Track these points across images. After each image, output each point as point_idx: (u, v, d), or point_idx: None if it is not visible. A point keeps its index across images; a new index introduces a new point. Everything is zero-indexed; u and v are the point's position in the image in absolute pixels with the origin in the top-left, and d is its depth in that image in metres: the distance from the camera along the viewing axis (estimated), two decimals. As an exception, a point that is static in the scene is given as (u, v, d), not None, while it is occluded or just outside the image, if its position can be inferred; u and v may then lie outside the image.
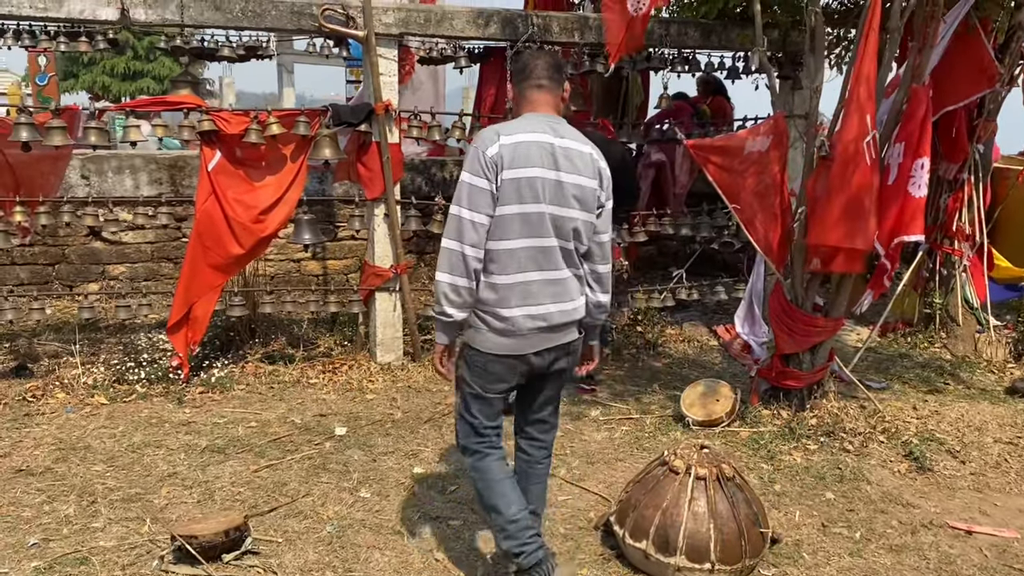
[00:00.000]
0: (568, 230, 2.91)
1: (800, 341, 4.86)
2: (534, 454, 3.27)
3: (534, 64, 3.02)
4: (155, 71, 30.25)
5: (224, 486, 4.03)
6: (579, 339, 3.09)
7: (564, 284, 2.96)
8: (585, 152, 2.96)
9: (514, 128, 2.92)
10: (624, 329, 6.74)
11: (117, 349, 5.87)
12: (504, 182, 2.83)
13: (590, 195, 2.94)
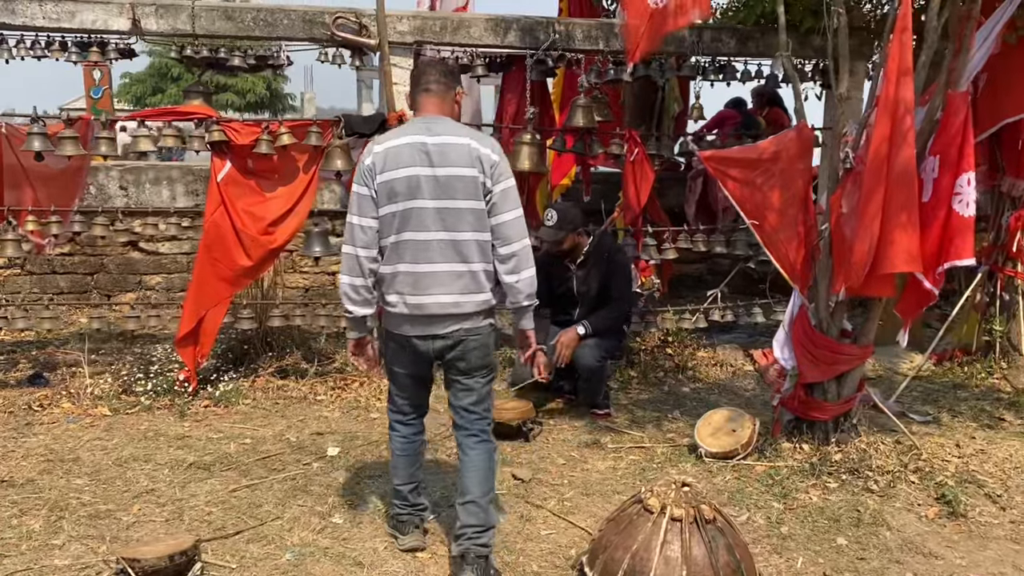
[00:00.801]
0: (457, 221, 3.14)
1: (824, 369, 4.48)
2: (462, 442, 3.43)
3: (422, 71, 3.34)
4: (237, 86, 31.16)
5: (197, 505, 3.90)
6: (473, 332, 3.26)
7: (440, 276, 3.17)
8: (461, 144, 3.15)
9: (389, 135, 3.28)
10: (653, 351, 6.41)
11: (132, 360, 5.86)
12: (379, 185, 3.16)
13: (471, 184, 3.14)
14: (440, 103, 3.27)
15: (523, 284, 3.21)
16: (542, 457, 4.62)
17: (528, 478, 4.27)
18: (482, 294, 3.23)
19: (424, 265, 3.16)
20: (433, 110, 3.26)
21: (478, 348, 3.29)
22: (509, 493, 4.10)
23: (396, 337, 3.31)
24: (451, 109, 3.31)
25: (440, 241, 3.14)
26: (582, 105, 5.61)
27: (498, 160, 3.19)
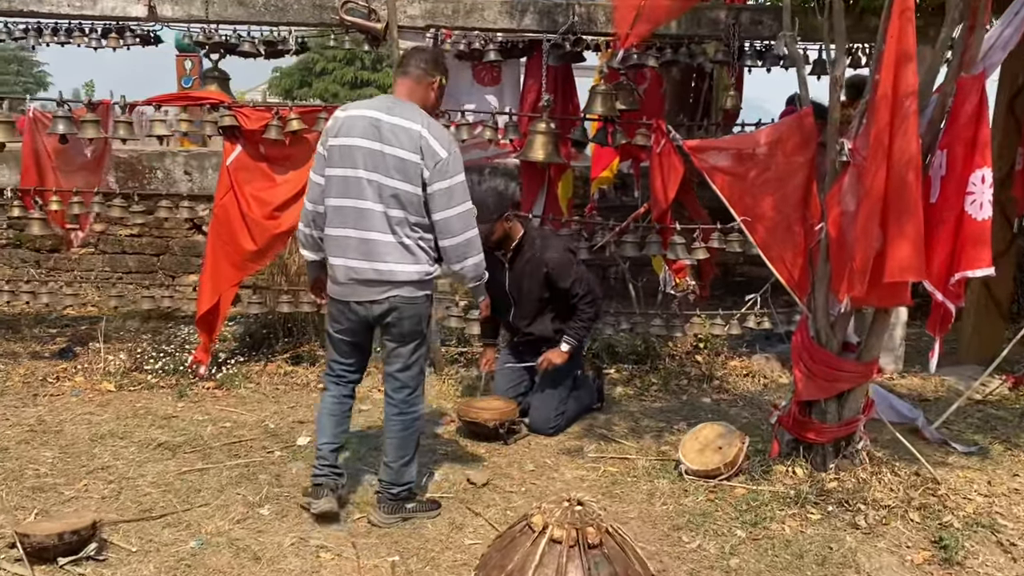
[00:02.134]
0: (390, 196, 3.32)
1: (822, 386, 4.00)
2: (386, 408, 3.66)
3: (407, 55, 3.61)
4: (380, 80, 32.11)
5: (141, 485, 3.91)
6: (408, 300, 3.43)
7: (378, 245, 3.35)
8: (413, 130, 3.33)
9: (355, 105, 3.52)
10: (681, 358, 5.99)
11: (162, 339, 6.02)
12: (331, 148, 3.41)
13: (411, 168, 3.32)
14: (412, 88, 3.47)
15: (467, 270, 3.51)
16: (512, 461, 4.37)
17: (482, 483, 4.04)
18: (418, 265, 3.43)
19: (364, 232, 3.36)
20: (402, 92, 3.48)
21: (412, 317, 3.48)
22: (455, 497, 3.89)
23: (335, 301, 3.54)
24: (424, 95, 3.49)
25: (378, 212, 3.34)
26: (602, 92, 5.29)
27: (446, 157, 3.35)
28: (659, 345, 6.11)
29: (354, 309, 3.47)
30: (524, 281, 4.78)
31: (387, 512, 3.60)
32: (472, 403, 4.74)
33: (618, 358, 5.95)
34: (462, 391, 5.42)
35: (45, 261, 8.07)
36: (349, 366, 3.69)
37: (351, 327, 3.55)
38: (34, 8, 5.16)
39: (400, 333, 3.48)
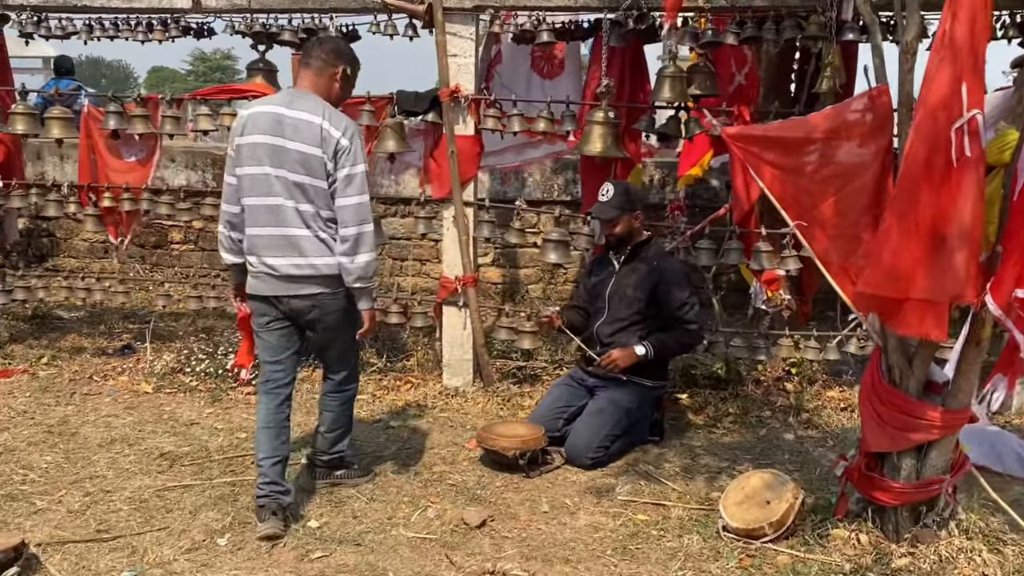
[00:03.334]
0: (298, 191, 3.27)
1: (893, 435, 3.17)
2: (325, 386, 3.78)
3: (311, 45, 3.53)
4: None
5: (115, 500, 3.65)
6: (328, 295, 3.38)
7: (293, 240, 3.30)
8: (314, 123, 3.27)
9: (260, 101, 3.51)
10: (767, 384, 5.17)
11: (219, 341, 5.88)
12: (238, 147, 3.34)
13: (315, 162, 3.26)
14: (315, 79, 3.40)
15: (356, 267, 3.33)
16: (526, 499, 3.80)
17: (477, 524, 3.50)
18: (335, 258, 3.34)
19: (279, 228, 3.30)
20: (305, 84, 3.41)
21: (336, 312, 3.44)
22: (438, 540, 3.37)
23: (256, 298, 3.44)
24: (327, 86, 3.41)
25: (290, 208, 3.28)
26: (670, 75, 4.59)
27: (347, 145, 3.29)
28: (745, 369, 5.31)
29: (275, 305, 3.40)
30: (628, 287, 4.34)
31: (316, 477, 3.79)
32: (494, 428, 4.20)
33: (693, 382, 5.21)
34: (508, 411, 4.88)
35: (149, 257, 8.25)
36: (279, 368, 3.52)
37: (274, 321, 3.45)
38: (86, 2, 5.10)
39: (326, 329, 3.48)
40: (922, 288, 2.59)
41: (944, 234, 2.54)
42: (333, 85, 3.41)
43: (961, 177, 2.52)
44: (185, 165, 8.01)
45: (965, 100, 2.47)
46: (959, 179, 2.51)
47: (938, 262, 2.56)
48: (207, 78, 43.46)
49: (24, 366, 5.47)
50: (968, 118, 2.47)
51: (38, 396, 4.97)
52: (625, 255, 4.37)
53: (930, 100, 2.51)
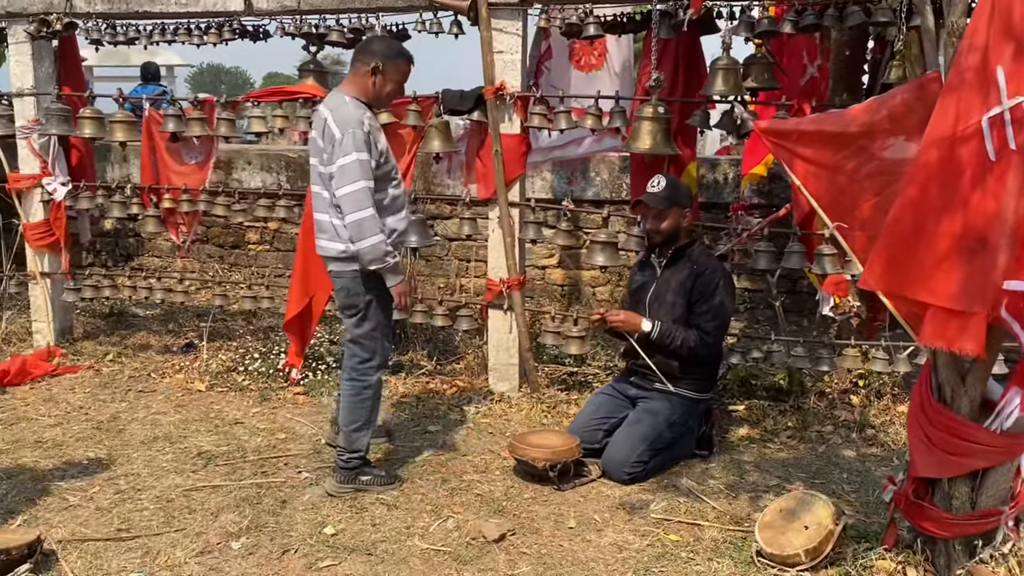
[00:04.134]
0: (323, 180, 3.60)
1: (944, 460, 2.86)
2: (342, 374, 3.88)
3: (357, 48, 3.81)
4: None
5: (143, 500, 3.69)
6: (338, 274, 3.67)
7: (321, 223, 3.67)
8: (322, 113, 3.60)
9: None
10: (832, 397, 4.82)
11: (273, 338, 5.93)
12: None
13: (325, 154, 3.55)
14: (352, 78, 3.65)
15: (364, 252, 3.51)
16: (552, 513, 3.63)
17: (495, 537, 3.36)
18: (338, 243, 3.59)
19: (316, 213, 3.70)
20: (344, 84, 3.68)
21: (341, 289, 3.70)
22: (451, 553, 3.25)
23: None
24: (362, 83, 3.62)
25: (320, 195, 3.64)
26: (723, 67, 4.34)
27: (340, 137, 3.48)
28: (810, 380, 4.98)
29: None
30: (668, 292, 4.11)
31: (340, 481, 3.76)
32: (526, 437, 4.05)
33: (752, 392, 4.92)
34: (552, 419, 4.72)
35: (227, 256, 8.46)
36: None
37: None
38: (147, 8, 5.22)
39: (339, 304, 3.78)
40: (951, 295, 2.31)
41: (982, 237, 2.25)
42: (367, 82, 3.59)
43: (1005, 171, 2.22)
44: (260, 168, 8.17)
45: (1004, 87, 2.18)
46: (1001, 173, 2.21)
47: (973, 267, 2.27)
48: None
49: (90, 362, 5.65)
50: (1011, 105, 2.17)
51: (96, 392, 5.11)
52: (667, 257, 4.13)
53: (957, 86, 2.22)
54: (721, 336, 4.14)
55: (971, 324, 2.37)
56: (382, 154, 3.62)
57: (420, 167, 7.44)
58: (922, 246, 2.36)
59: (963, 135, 2.25)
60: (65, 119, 5.44)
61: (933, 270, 2.36)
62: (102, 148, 7.97)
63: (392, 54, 3.64)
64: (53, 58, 5.69)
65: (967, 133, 2.25)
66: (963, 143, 2.25)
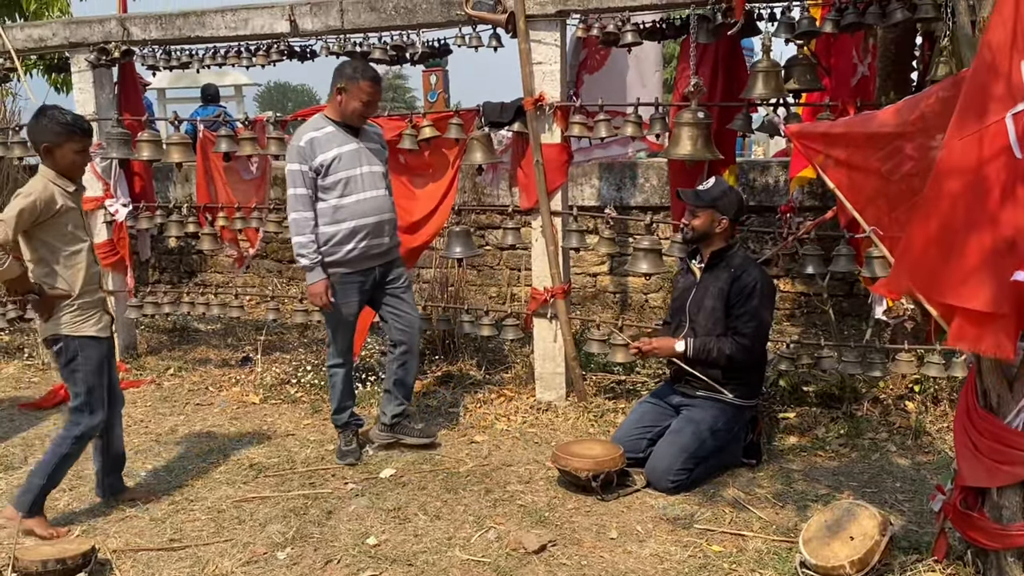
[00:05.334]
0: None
1: (991, 469, 2.75)
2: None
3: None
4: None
5: (195, 510, 3.80)
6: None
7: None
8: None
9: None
10: (886, 404, 4.69)
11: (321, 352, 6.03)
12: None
13: None
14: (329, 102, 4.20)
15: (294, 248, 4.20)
16: (595, 523, 3.62)
17: (535, 548, 3.36)
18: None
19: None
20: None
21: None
22: (491, 564, 3.26)
23: None
24: (333, 103, 4.12)
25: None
26: (763, 70, 4.28)
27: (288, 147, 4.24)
28: (864, 387, 4.85)
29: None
30: (708, 297, 4.04)
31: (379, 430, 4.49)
32: (569, 447, 4.04)
33: (803, 399, 4.82)
34: (599, 428, 4.70)
35: (285, 271, 8.65)
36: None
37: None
38: (199, 33, 5.40)
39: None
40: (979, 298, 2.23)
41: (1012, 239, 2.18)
42: (336, 102, 4.07)
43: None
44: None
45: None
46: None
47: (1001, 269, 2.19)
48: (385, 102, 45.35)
49: (152, 376, 5.84)
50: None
51: (156, 406, 5.29)
52: (705, 262, 4.08)
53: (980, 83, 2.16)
54: (760, 340, 4.06)
55: (998, 325, 2.29)
56: (323, 165, 4.04)
57: (468, 178, 7.53)
58: (949, 249, 2.30)
59: (987, 133, 2.18)
60: (125, 143, 5.65)
61: (961, 273, 2.29)
62: (166, 168, 8.26)
63: (355, 76, 4.02)
64: (113, 85, 5.92)
65: (991, 131, 2.18)
66: (988, 141, 2.19)
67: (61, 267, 3.48)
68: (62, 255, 3.47)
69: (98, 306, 3.62)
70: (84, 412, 3.57)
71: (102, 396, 3.61)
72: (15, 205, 3.33)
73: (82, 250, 3.53)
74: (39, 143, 3.44)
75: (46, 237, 3.44)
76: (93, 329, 3.56)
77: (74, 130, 3.43)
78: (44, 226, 3.42)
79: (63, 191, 3.45)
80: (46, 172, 3.45)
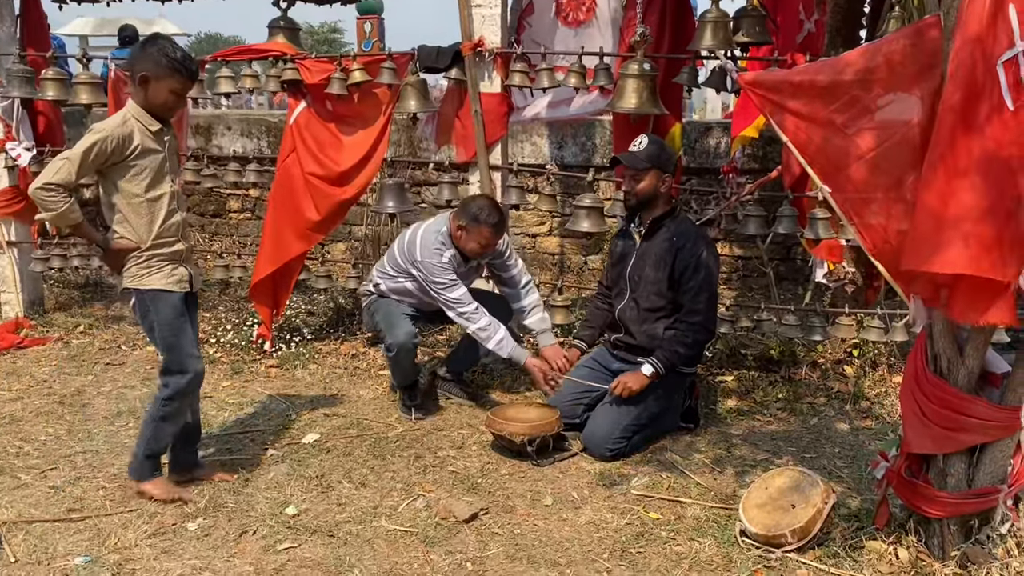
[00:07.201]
0: None
1: (939, 436, 2.67)
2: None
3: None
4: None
5: (100, 478, 3.49)
6: None
7: None
8: None
9: None
10: (825, 368, 4.64)
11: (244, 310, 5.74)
12: None
13: None
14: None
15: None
16: (529, 490, 3.46)
17: (466, 517, 3.18)
18: None
19: None
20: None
21: None
22: (420, 535, 3.07)
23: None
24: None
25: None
26: (712, 20, 4.10)
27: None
28: (802, 351, 4.79)
29: None
30: (649, 266, 3.84)
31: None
32: (504, 411, 3.88)
33: (741, 363, 4.73)
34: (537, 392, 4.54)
35: (208, 226, 8.25)
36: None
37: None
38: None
39: None
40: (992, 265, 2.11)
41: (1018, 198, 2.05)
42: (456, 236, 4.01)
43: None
44: (241, 133, 7.93)
45: (1016, 27, 1.96)
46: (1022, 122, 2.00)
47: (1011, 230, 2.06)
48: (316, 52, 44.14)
49: (60, 334, 5.46)
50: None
51: (63, 365, 4.93)
52: (646, 227, 3.90)
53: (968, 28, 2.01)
54: (713, 310, 3.91)
55: (1005, 293, 2.18)
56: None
57: (403, 132, 7.23)
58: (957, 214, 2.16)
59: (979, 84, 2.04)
60: (27, 81, 5.21)
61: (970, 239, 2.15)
62: (79, 114, 7.74)
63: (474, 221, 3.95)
64: (15, 18, 5.45)
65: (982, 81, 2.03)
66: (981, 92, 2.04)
67: (133, 214, 3.10)
68: (136, 202, 3.10)
69: (173, 259, 3.22)
70: (172, 372, 3.24)
71: (189, 352, 3.26)
72: (84, 142, 2.98)
73: (161, 197, 3.14)
74: (137, 71, 3.05)
75: (118, 180, 3.07)
76: (162, 282, 3.18)
77: (179, 68, 3.05)
78: (118, 168, 3.05)
79: (145, 129, 3.08)
80: (131, 107, 3.09)
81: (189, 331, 3.31)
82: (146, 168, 3.09)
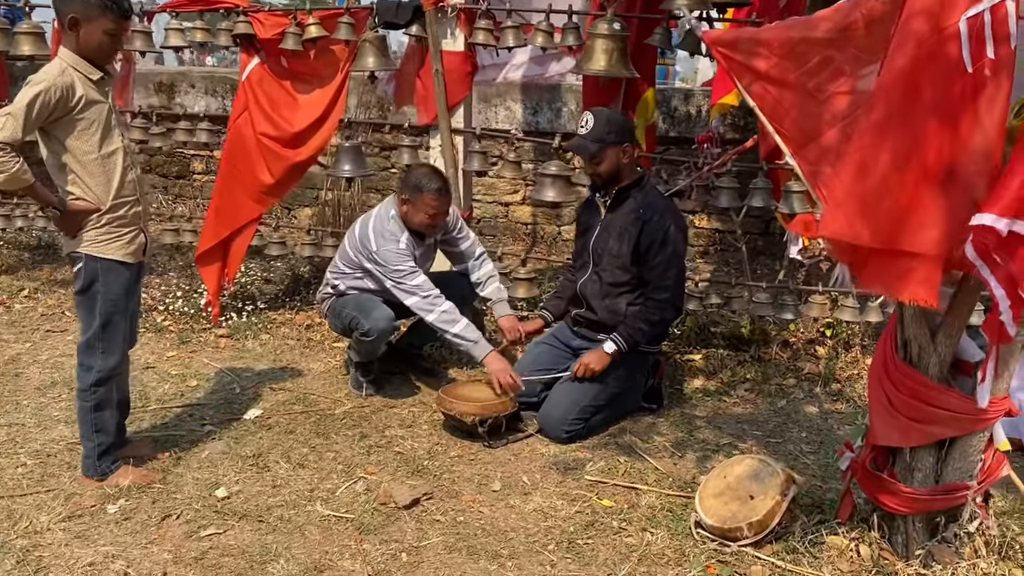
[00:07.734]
0: None
1: (906, 428, 2.50)
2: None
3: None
4: None
5: (20, 453, 3.29)
6: None
7: None
8: None
9: None
10: (796, 348, 4.46)
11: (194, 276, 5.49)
12: None
13: None
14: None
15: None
16: (477, 473, 3.28)
17: (407, 503, 3.00)
18: None
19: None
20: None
21: None
22: (355, 521, 2.88)
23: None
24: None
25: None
26: (686, -23, 3.86)
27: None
28: (774, 329, 4.60)
29: None
30: (613, 238, 3.62)
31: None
32: (455, 389, 3.68)
33: (709, 341, 4.55)
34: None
35: (172, 188, 7.96)
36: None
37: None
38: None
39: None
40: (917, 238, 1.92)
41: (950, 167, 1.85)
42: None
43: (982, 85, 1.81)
44: (205, 91, 7.62)
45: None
46: (978, 87, 1.81)
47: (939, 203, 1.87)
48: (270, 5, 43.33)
49: (2, 298, 5.22)
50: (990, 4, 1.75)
51: (1, 331, 4.69)
52: (612, 198, 3.68)
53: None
54: (680, 286, 3.71)
55: (922, 267, 1.99)
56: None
57: (361, 89, 6.94)
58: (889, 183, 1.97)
59: (937, 40, 1.83)
60: (-35, 30, 4.90)
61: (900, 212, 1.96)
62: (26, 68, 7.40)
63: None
64: (-47, -39, 5.13)
65: (942, 37, 1.83)
66: (937, 50, 1.84)
67: (87, 174, 2.83)
68: (89, 159, 2.82)
69: (133, 224, 2.95)
70: (95, 351, 2.98)
71: (123, 332, 3.03)
72: (25, 95, 2.68)
73: (115, 152, 2.87)
74: (66, 14, 2.76)
75: (66, 138, 2.79)
76: (121, 252, 2.92)
77: (110, 5, 2.76)
78: (63, 123, 2.77)
79: (85, 79, 2.79)
80: (66, 55, 2.79)
81: (130, 311, 3.07)
82: (94, 122, 2.82)
